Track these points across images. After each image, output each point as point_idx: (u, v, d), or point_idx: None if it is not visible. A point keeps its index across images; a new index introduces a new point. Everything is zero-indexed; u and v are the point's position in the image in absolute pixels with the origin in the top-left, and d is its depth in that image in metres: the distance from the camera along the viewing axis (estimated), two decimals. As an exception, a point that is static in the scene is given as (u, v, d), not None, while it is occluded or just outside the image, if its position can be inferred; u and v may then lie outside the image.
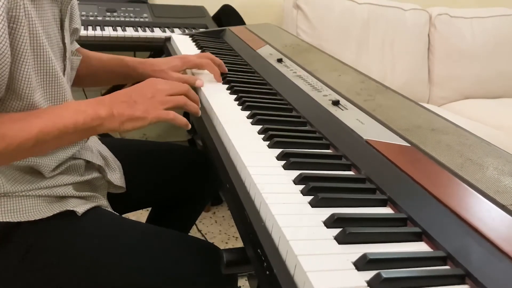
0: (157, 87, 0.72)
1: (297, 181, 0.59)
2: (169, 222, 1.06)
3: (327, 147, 0.72)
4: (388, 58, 2.14)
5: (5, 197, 0.68)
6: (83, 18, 1.63)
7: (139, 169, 0.96)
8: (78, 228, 0.72)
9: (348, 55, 2.04)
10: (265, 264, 0.47)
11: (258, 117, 0.77)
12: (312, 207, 0.54)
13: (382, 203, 0.57)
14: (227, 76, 0.99)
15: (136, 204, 1.00)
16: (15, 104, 0.64)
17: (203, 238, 1.77)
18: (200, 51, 1.22)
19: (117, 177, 0.87)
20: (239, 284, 0.86)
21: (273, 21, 2.02)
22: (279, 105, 0.87)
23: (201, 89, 0.90)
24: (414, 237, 0.51)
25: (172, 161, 1.02)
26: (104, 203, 0.82)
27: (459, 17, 2.24)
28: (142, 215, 1.68)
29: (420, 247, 0.50)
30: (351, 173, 0.65)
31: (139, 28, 1.69)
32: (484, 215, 0.50)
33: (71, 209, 0.72)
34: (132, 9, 1.80)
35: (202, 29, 1.70)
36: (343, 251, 0.46)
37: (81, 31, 1.53)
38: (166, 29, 1.73)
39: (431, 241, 0.50)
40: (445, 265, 0.47)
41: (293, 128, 0.76)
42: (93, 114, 0.65)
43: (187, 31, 1.73)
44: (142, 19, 1.76)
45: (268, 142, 0.69)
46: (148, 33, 1.67)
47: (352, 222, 0.51)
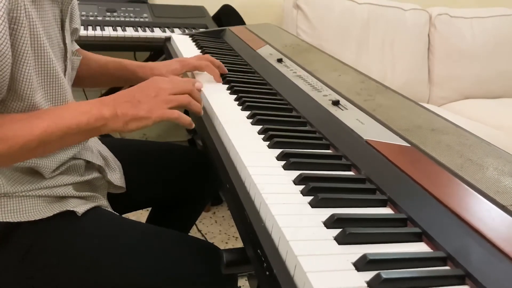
0: (161, 86, 0.71)
1: (297, 181, 0.59)
2: (169, 222, 1.06)
3: (327, 147, 0.72)
4: (388, 58, 2.14)
5: (5, 197, 0.68)
6: (83, 18, 1.63)
7: (139, 169, 0.96)
8: (78, 228, 0.72)
9: (348, 55, 2.04)
10: (265, 265, 0.47)
11: (258, 117, 0.77)
12: (312, 207, 0.54)
13: (382, 203, 0.57)
14: (227, 76, 0.99)
15: (136, 204, 1.00)
16: (16, 105, 0.64)
17: (203, 238, 1.77)
18: (200, 51, 1.22)
19: (117, 177, 0.87)
20: (239, 284, 0.86)
21: (273, 21, 2.02)
22: (279, 105, 0.87)
23: (201, 89, 0.90)
24: (414, 237, 0.51)
25: (172, 161, 1.02)
26: (104, 203, 0.82)
27: (459, 17, 2.24)
28: (142, 215, 1.68)
29: (420, 248, 0.50)
30: (351, 173, 0.65)
31: (139, 28, 1.68)
32: (484, 215, 0.50)
33: (71, 209, 0.72)
34: (132, 9, 1.80)
35: (202, 29, 1.70)
36: (343, 251, 0.46)
37: (81, 31, 1.54)
38: (166, 29, 1.73)
39: (431, 241, 0.50)
40: (445, 265, 0.47)
41: (293, 128, 0.76)
42: (96, 115, 0.65)
43: (187, 31, 1.73)
44: (142, 19, 1.76)
45: (268, 142, 0.69)
46: (148, 33, 1.67)
47: (352, 223, 0.51)
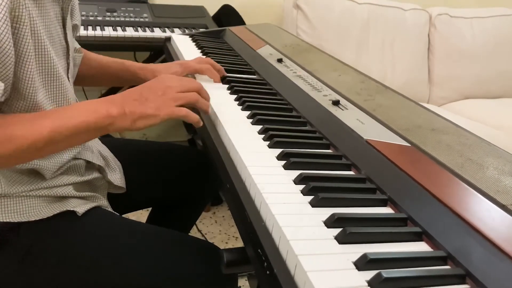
0: (168, 84, 0.71)
1: (298, 181, 0.59)
2: (169, 222, 1.06)
3: (327, 147, 0.72)
4: (388, 58, 2.14)
5: (5, 197, 0.68)
6: (83, 18, 1.63)
7: (139, 169, 0.96)
8: (78, 228, 0.72)
9: (348, 55, 2.04)
10: (265, 264, 0.47)
11: (258, 117, 0.77)
12: (313, 207, 0.54)
13: (383, 203, 0.57)
14: (227, 76, 0.99)
15: (136, 204, 1.00)
16: (19, 104, 0.64)
17: (203, 238, 1.77)
18: (200, 51, 1.22)
19: (117, 177, 0.87)
20: (239, 284, 0.86)
21: (273, 21, 2.02)
22: (279, 105, 0.87)
23: None
24: (414, 237, 0.51)
25: (172, 161, 1.02)
26: (104, 203, 0.82)
27: (459, 17, 2.24)
28: (142, 215, 1.68)
29: (421, 247, 0.50)
30: (351, 173, 0.65)
31: (139, 28, 1.68)
32: (484, 215, 0.50)
33: (71, 209, 0.72)
34: (132, 9, 1.80)
35: (202, 29, 1.70)
36: (344, 251, 0.46)
37: (81, 31, 1.55)
38: (166, 29, 1.73)
39: (431, 241, 0.50)
40: (446, 265, 0.47)
41: (293, 128, 0.76)
42: (104, 113, 0.65)
43: (187, 31, 1.73)
44: (142, 19, 1.76)
45: (268, 142, 0.69)
46: (148, 33, 1.67)
47: (353, 222, 0.51)
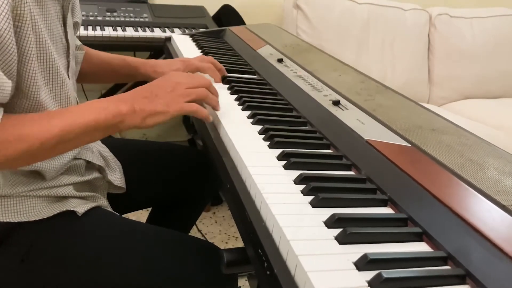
0: (178, 81, 0.71)
1: (298, 181, 0.59)
2: (169, 222, 1.06)
3: (327, 147, 0.72)
4: (388, 58, 2.14)
5: (5, 197, 0.68)
6: (83, 18, 1.63)
7: (139, 169, 0.96)
8: (78, 228, 0.72)
9: (348, 55, 2.04)
10: (265, 264, 0.47)
11: (259, 117, 0.77)
12: (313, 207, 0.54)
13: (383, 203, 0.57)
14: (228, 76, 0.99)
15: (136, 204, 1.00)
16: (22, 103, 0.64)
17: (203, 238, 1.77)
18: (201, 51, 1.22)
19: (117, 177, 0.87)
20: (239, 284, 0.86)
21: (273, 21, 2.02)
22: (279, 105, 0.87)
23: None
24: (414, 237, 0.51)
25: (172, 161, 1.02)
26: (104, 203, 0.82)
27: (459, 17, 2.24)
28: (142, 215, 1.68)
29: (421, 247, 0.50)
30: (351, 173, 0.65)
31: (139, 28, 1.68)
32: (485, 215, 0.50)
33: (71, 209, 0.72)
34: (132, 9, 1.80)
35: (202, 29, 1.70)
36: (344, 251, 0.46)
37: (81, 31, 1.55)
38: (166, 29, 1.73)
39: (431, 241, 0.50)
40: (446, 265, 0.47)
41: (293, 128, 0.76)
42: (114, 111, 0.64)
43: (187, 31, 1.73)
44: (142, 19, 1.76)
45: (269, 142, 0.69)
46: (148, 33, 1.67)
47: (353, 222, 0.51)
